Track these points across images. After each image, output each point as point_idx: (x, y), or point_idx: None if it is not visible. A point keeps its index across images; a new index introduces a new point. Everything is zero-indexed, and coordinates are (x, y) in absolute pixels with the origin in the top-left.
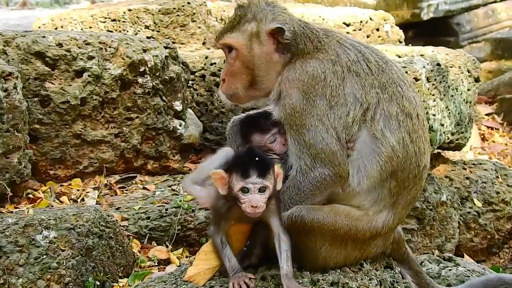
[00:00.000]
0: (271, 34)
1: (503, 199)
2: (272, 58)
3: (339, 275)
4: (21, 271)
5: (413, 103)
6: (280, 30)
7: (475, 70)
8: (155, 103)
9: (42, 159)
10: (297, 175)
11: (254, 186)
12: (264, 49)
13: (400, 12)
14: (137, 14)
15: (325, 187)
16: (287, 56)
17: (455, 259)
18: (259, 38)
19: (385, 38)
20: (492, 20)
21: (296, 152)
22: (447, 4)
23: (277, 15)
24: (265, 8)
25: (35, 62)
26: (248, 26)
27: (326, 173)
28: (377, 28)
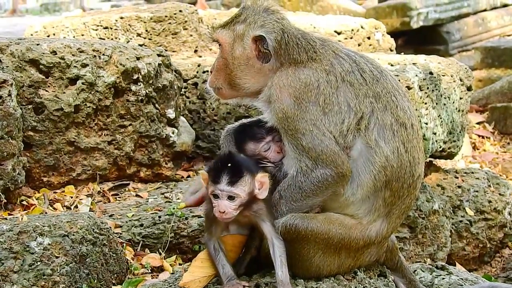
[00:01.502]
0: (254, 40)
1: (495, 208)
2: (252, 64)
3: (333, 283)
4: (15, 277)
5: (407, 113)
6: (261, 38)
7: (468, 78)
8: (148, 110)
9: (35, 166)
10: (298, 175)
11: (221, 193)
12: (245, 53)
13: (390, 20)
14: (129, 22)
15: (327, 187)
16: (272, 64)
17: (448, 268)
18: (243, 41)
19: (376, 46)
20: (482, 29)
21: (296, 156)
22: (437, 13)
23: (267, 23)
24: (259, 13)
25: (29, 69)
26: (237, 27)
27: (328, 173)
28: (368, 37)
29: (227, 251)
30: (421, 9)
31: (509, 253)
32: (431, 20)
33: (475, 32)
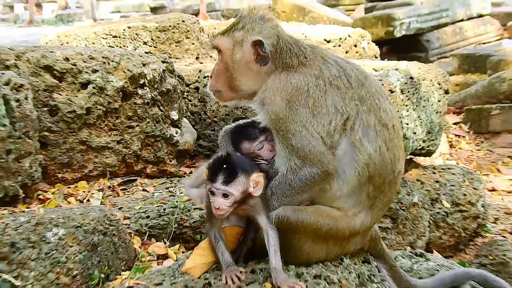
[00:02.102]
0: (253, 45)
1: (469, 201)
2: (251, 67)
3: (322, 268)
4: (33, 265)
5: (389, 115)
6: (260, 42)
7: (445, 83)
8: (153, 112)
9: (51, 164)
10: (287, 173)
11: (217, 191)
12: (244, 57)
13: (375, 30)
14: (136, 31)
15: (314, 184)
16: (268, 67)
17: (426, 255)
18: (242, 46)
19: (362, 53)
20: (459, 37)
21: (285, 155)
22: (418, 23)
23: (264, 30)
24: (256, 21)
25: (44, 75)
26: (237, 33)
27: (315, 171)
28: (355, 44)
29: (226, 241)
30: (403, 20)
31: (481, 242)
32: (413, 29)
33: (453, 40)
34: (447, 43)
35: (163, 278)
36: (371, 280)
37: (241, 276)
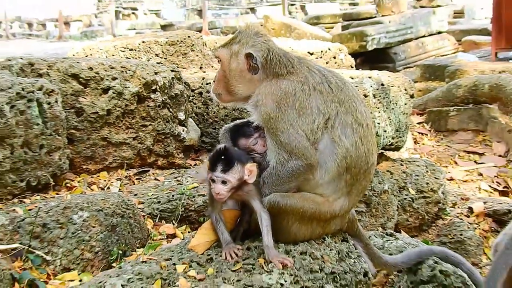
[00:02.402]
0: (245, 56)
1: (431, 189)
2: (244, 75)
3: (307, 246)
4: (61, 242)
5: (364, 115)
6: (251, 55)
7: (411, 89)
8: (164, 113)
9: (77, 157)
10: (276, 165)
11: (217, 178)
12: (239, 66)
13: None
14: (149, 45)
15: (299, 175)
16: (260, 75)
17: (395, 235)
18: (237, 57)
19: (340, 64)
20: (422, 51)
21: (275, 149)
22: (387, 38)
23: (256, 43)
24: (250, 36)
25: (71, 81)
26: (234, 46)
27: (299, 164)
28: (334, 56)
29: (225, 222)
30: (374, 36)
31: (442, 223)
32: (383, 44)
33: (416, 53)
34: (411, 55)
35: (172, 254)
36: (349, 256)
37: (238, 252)
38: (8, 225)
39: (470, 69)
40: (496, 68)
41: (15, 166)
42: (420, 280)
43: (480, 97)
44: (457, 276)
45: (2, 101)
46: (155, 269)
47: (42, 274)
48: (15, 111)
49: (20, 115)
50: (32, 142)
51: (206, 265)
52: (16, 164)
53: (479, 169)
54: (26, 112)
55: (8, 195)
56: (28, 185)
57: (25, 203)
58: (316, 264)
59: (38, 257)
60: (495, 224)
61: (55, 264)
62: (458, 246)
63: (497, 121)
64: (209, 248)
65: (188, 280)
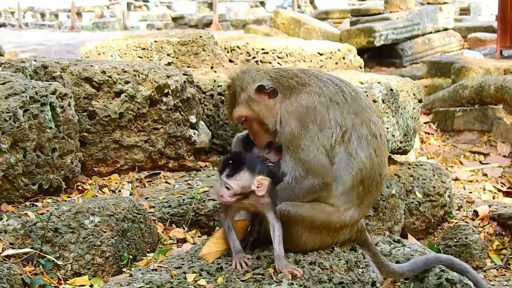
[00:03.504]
0: (257, 92)
1: (438, 192)
2: (269, 104)
3: (316, 256)
4: (72, 247)
5: (377, 126)
6: (261, 87)
7: (419, 93)
8: (175, 117)
9: (89, 159)
10: (291, 181)
11: (221, 182)
12: (261, 103)
13: (358, 40)
14: (161, 44)
15: (314, 192)
16: (279, 96)
17: (403, 241)
18: (253, 99)
19: (349, 65)
20: (428, 47)
21: (292, 166)
22: (394, 34)
23: (255, 76)
24: (244, 77)
25: (84, 85)
26: (241, 96)
27: (316, 182)
28: (343, 57)
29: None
30: (382, 32)
31: (447, 226)
32: (390, 40)
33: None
34: (418, 51)
35: (182, 262)
36: (357, 266)
37: (248, 261)
38: (19, 229)
39: (476, 66)
40: (501, 66)
41: (28, 169)
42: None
43: (486, 98)
44: (463, 284)
45: (15, 105)
46: (165, 278)
47: (53, 279)
48: (28, 115)
49: (33, 119)
50: (45, 146)
51: (216, 274)
52: (28, 168)
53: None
54: (39, 116)
55: (20, 198)
56: (40, 188)
57: (37, 206)
58: (325, 275)
59: (49, 262)
60: (500, 228)
61: (66, 269)
62: (463, 249)
63: (502, 122)
64: (220, 257)
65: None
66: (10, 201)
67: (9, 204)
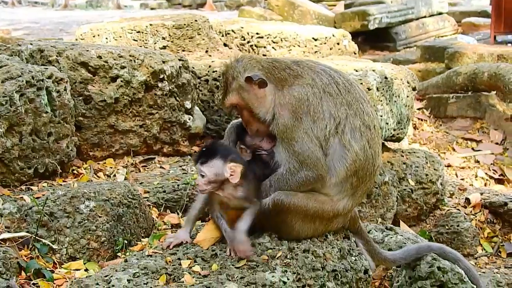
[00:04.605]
0: (247, 81)
1: (430, 180)
2: (259, 95)
3: (310, 244)
4: (68, 231)
5: (371, 117)
6: (250, 78)
7: (413, 81)
8: (170, 102)
9: (84, 144)
10: (286, 173)
11: (197, 170)
12: (251, 93)
13: (353, 23)
14: (156, 28)
15: (308, 184)
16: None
17: (395, 229)
18: (243, 88)
19: (344, 50)
20: (422, 31)
21: (286, 158)
22: (388, 18)
23: (246, 66)
24: (236, 66)
25: (80, 69)
26: (232, 85)
27: (310, 175)
28: (338, 43)
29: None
30: (376, 15)
31: (439, 214)
32: (384, 23)
33: (417, 33)
34: (412, 35)
35: (177, 248)
36: (350, 254)
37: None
38: (15, 213)
39: (469, 51)
40: (494, 51)
41: (24, 153)
42: (418, 276)
43: (479, 85)
44: (455, 273)
45: (12, 89)
46: (160, 264)
47: (48, 263)
48: (24, 99)
49: (30, 103)
50: (41, 130)
51: (211, 261)
52: (24, 152)
53: (476, 156)
54: (36, 100)
55: (16, 182)
56: (35, 172)
57: (33, 190)
58: (318, 262)
59: (45, 246)
60: (491, 216)
61: (61, 253)
62: (454, 236)
63: (495, 109)
64: (214, 244)
65: (193, 275)
66: (5, 184)
67: (5, 188)
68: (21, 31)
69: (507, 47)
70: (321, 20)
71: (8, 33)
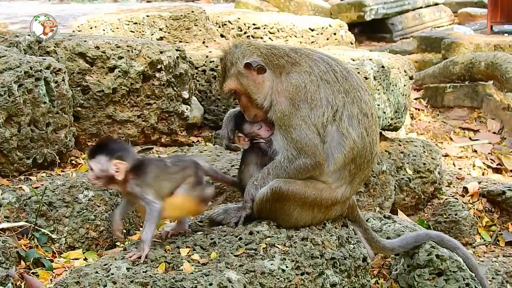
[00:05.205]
0: (246, 67)
1: (428, 169)
2: (257, 80)
3: (308, 232)
4: (67, 221)
5: (368, 105)
6: (248, 64)
7: (410, 70)
8: (168, 92)
9: (82, 134)
10: (284, 160)
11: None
12: (249, 78)
13: (349, 14)
14: (153, 19)
15: (306, 172)
16: (269, 72)
17: (393, 217)
18: (242, 74)
19: (340, 40)
20: (418, 22)
21: (284, 145)
22: (384, 9)
23: (245, 52)
24: (235, 51)
25: (78, 60)
26: (231, 71)
27: (308, 162)
28: (334, 33)
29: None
30: (372, 6)
31: (437, 203)
32: (380, 14)
33: (413, 24)
34: (408, 26)
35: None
36: (348, 242)
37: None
38: (14, 203)
39: (466, 42)
40: (491, 41)
41: (22, 143)
42: (416, 264)
43: (476, 75)
44: (453, 260)
45: (10, 80)
46: (159, 253)
47: (47, 252)
48: (23, 90)
49: (28, 94)
50: (39, 120)
51: (210, 249)
52: (23, 142)
53: (474, 146)
54: (34, 91)
55: (15, 172)
56: (34, 162)
57: (32, 180)
58: (316, 250)
59: (44, 235)
60: (489, 205)
61: (60, 243)
62: (452, 225)
63: (492, 99)
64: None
65: (192, 264)
66: (4, 175)
67: (4, 178)
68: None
69: (503, 37)
70: (317, 12)
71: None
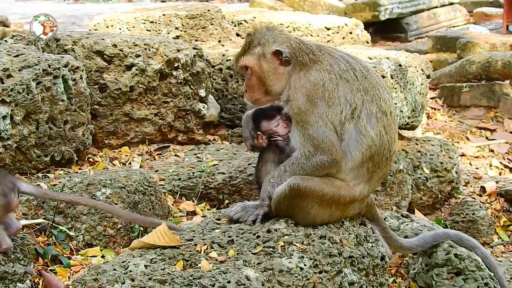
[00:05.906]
0: (273, 54)
1: (445, 168)
2: (278, 71)
3: (326, 230)
4: (84, 218)
5: (387, 103)
6: (278, 52)
7: (427, 69)
8: (185, 90)
9: (100, 132)
10: (301, 158)
11: None
12: (270, 65)
13: (364, 14)
14: (170, 18)
15: (323, 169)
16: (290, 67)
17: (411, 216)
18: (265, 57)
19: (356, 39)
20: (433, 21)
21: (301, 142)
22: (399, 8)
23: (277, 38)
24: (266, 33)
25: (96, 58)
26: (256, 49)
27: (325, 159)
28: (350, 32)
29: None
30: (387, 6)
31: (455, 202)
32: (395, 14)
33: (428, 23)
34: (423, 26)
35: (194, 234)
36: (366, 240)
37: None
38: (32, 200)
39: (482, 41)
40: (507, 41)
41: (40, 141)
42: (435, 263)
43: (493, 74)
44: (472, 260)
45: (29, 77)
46: (177, 250)
47: (65, 249)
48: (41, 88)
49: (46, 92)
50: (57, 118)
51: (227, 247)
52: (41, 140)
53: (491, 146)
54: (52, 89)
55: (33, 169)
56: (52, 160)
57: (49, 178)
58: (335, 248)
59: (61, 233)
60: (507, 204)
61: (78, 240)
62: (470, 225)
63: (509, 98)
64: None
65: (210, 261)
66: (23, 172)
67: (22, 175)
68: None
69: None
70: (332, 11)
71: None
